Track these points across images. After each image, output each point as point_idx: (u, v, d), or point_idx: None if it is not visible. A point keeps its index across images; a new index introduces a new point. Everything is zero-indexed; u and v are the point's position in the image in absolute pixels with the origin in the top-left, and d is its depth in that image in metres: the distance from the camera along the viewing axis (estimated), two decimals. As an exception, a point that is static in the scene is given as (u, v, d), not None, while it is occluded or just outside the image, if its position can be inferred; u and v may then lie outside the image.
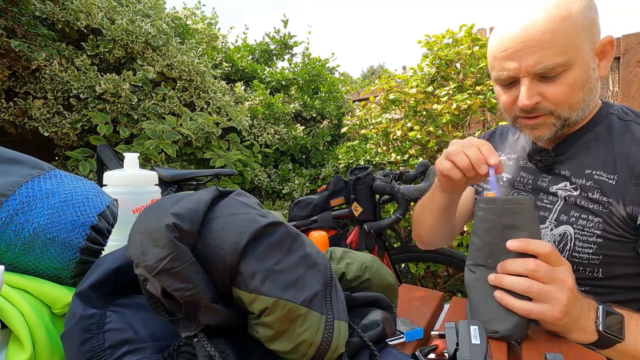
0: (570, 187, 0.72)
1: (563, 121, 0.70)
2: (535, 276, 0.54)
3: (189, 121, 2.37)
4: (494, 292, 0.56)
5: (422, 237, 1.01)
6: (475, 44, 2.23)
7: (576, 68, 0.65)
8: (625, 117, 0.72)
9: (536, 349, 0.54)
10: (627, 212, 0.65)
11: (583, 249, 0.69)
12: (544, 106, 0.69)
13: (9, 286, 0.37)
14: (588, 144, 0.72)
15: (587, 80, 0.67)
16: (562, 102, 0.67)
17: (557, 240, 0.72)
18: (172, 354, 0.34)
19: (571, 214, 0.71)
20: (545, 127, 0.71)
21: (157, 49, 2.44)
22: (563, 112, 0.69)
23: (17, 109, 2.11)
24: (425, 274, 2.43)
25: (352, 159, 2.78)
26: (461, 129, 2.38)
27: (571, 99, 0.67)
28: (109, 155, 1.66)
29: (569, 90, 0.66)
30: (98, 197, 0.46)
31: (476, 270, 0.59)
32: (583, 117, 0.71)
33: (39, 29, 2.00)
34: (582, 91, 0.67)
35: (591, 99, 0.70)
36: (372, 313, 0.47)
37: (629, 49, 2.29)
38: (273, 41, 3.93)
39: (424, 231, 0.98)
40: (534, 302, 0.54)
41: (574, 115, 0.69)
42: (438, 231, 0.95)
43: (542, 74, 0.66)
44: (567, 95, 0.67)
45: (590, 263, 0.69)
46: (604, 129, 0.72)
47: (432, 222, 0.92)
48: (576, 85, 0.66)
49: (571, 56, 0.64)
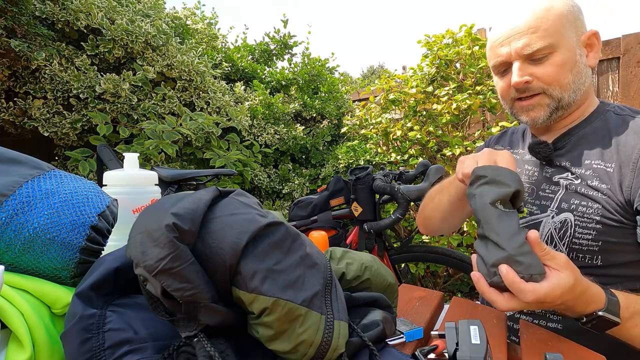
0: (572, 176, 0.75)
1: (556, 102, 0.75)
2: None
3: (189, 121, 2.37)
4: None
5: (432, 222, 0.98)
6: (475, 44, 2.23)
7: (562, 50, 0.72)
8: (621, 113, 0.76)
9: (536, 349, 0.54)
10: (625, 198, 0.67)
11: (582, 235, 0.71)
12: (536, 85, 0.74)
13: (9, 286, 0.37)
14: (586, 137, 0.76)
15: (574, 63, 0.73)
16: (552, 81, 0.73)
17: (557, 227, 0.75)
18: (172, 353, 0.34)
19: (572, 201, 0.73)
20: (540, 107, 0.76)
21: (157, 49, 2.44)
22: (555, 91, 0.74)
23: (17, 109, 2.11)
24: (425, 274, 2.43)
25: (352, 159, 2.78)
26: (461, 129, 2.38)
27: (561, 79, 0.73)
28: (109, 155, 1.66)
29: (557, 70, 0.72)
30: (98, 197, 0.46)
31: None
32: (576, 99, 0.75)
33: (39, 29, 2.00)
34: (570, 73, 0.73)
35: (581, 82, 0.75)
36: (372, 313, 0.47)
37: (628, 49, 2.29)
38: (273, 41, 3.93)
39: (435, 217, 0.96)
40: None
41: (566, 95, 0.74)
42: (452, 218, 0.93)
43: (530, 55, 0.73)
44: (556, 75, 0.73)
45: (589, 250, 0.72)
46: (601, 123, 0.76)
47: (447, 208, 0.90)
48: (565, 66, 0.72)
49: (556, 39, 0.72)
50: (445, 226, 0.98)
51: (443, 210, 0.91)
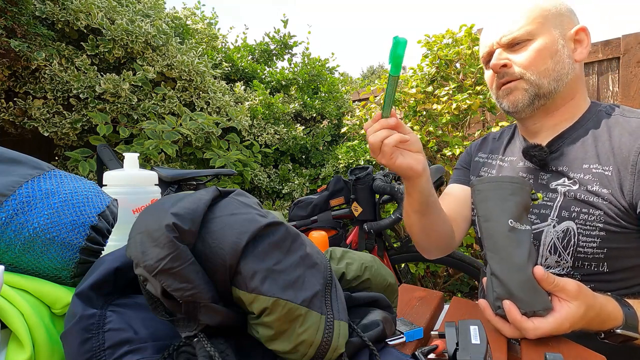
0: (569, 182, 0.73)
1: (535, 87, 0.75)
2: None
3: (189, 121, 2.37)
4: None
5: (419, 242, 0.92)
6: (475, 44, 2.23)
7: (541, 39, 0.74)
8: (612, 113, 0.75)
9: (536, 349, 0.54)
10: (627, 202, 0.66)
11: (587, 243, 0.70)
12: (515, 70, 0.76)
13: (9, 286, 0.37)
14: (580, 140, 0.75)
15: (554, 52, 0.74)
16: (529, 65, 0.75)
17: (560, 236, 0.73)
18: (172, 354, 0.34)
19: (572, 209, 0.71)
20: (518, 91, 0.77)
21: (157, 49, 2.44)
22: (532, 76, 0.75)
23: (17, 109, 2.11)
24: (425, 274, 2.43)
25: (352, 159, 2.78)
26: (461, 129, 2.38)
27: (539, 64, 0.74)
28: (109, 155, 1.66)
29: (534, 56, 0.74)
30: (98, 197, 0.46)
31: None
32: (558, 89, 0.76)
33: (39, 29, 2.00)
34: (550, 60, 0.74)
35: (564, 72, 0.75)
36: (372, 313, 0.47)
37: (628, 49, 2.29)
38: (273, 41, 3.93)
39: (417, 234, 0.89)
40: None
41: (546, 82, 0.75)
42: (430, 232, 0.86)
43: (509, 44, 0.77)
44: (533, 60, 0.74)
45: (595, 257, 0.70)
46: (593, 124, 0.75)
47: (419, 220, 0.84)
48: (543, 53, 0.74)
49: (535, 29, 0.74)
50: (433, 241, 0.89)
51: (420, 226, 0.85)
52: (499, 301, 0.57)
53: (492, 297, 0.59)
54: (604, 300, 0.58)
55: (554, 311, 0.55)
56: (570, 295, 0.55)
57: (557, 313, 0.55)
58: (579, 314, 0.54)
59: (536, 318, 0.55)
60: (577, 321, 0.55)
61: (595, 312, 0.56)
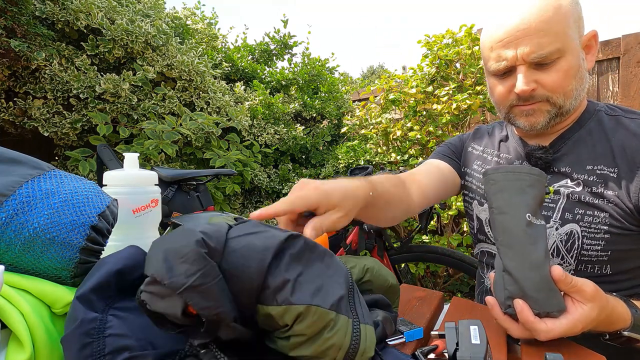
0: (572, 183, 0.71)
1: (557, 108, 0.71)
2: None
3: (189, 121, 2.37)
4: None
5: (368, 221, 0.75)
6: (475, 44, 2.23)
7: (569, 56, 0.68)
8: (613, 113, 0.73)
9: (536, 349, 0.54)
10: (633, 204, 0.65)
11: (591, 246, 0.68)
12: (540, 93, 0.70)
13: (9, 286, 0.37)
14: (582, 140, 0.73)
15: (578, 68, 0.69)
16: (557, 88, 0.69)
17: (564, 239, 0.71)
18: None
19: (576, 211, 0.70)
20: (540, 113, 0.72)
21: (157, 49, 2.44)
22: (558, 99, 0.70)
23: (17, 109, 2.11)
24: (425, 274, 2.43)
25: (352, 159, 2.78)
26: (461, 129, 2.38)
27: (566, 86, 0.69)
28: (109, 155, 1.66)
29: (563, 77, 0.68)
30: (98, 197, 0.46)
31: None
32: (575, 106, 0.72)
33: (39, 29, 2.00)
34: (574, 79, 0.69)
35: (582, 88, 0.71)
36: (372, 313, 0.47)
37: (628, 49, 2.29)
38: (273, 41, 3.93)
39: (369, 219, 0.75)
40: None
41: (568, 103, 0.70)
42: (380, 214, 0.73)
43: (538, 61, 0.67)
44: (562, 82, 0.68)
45: (599, 260, 0.69)
46: (595, 124, 0.73)
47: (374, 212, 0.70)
48: (570, 73, 0.68)
49: (564, 44, 0.67)
50: (390, 216, 0.77)
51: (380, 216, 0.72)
52: (510, 300, 0.54)
53: (503, 295, 0.55)
54: (614, 301, 0.57)
55: (567, 313, 0.52)
56: (586, 297, 0.52)
57: (570, 315, 0.52)
58: (592, 316, 0.52)
59: (549, 319, 0.52)
60: (590, 323, 0.52)
61: (606, 314, 0.54)
